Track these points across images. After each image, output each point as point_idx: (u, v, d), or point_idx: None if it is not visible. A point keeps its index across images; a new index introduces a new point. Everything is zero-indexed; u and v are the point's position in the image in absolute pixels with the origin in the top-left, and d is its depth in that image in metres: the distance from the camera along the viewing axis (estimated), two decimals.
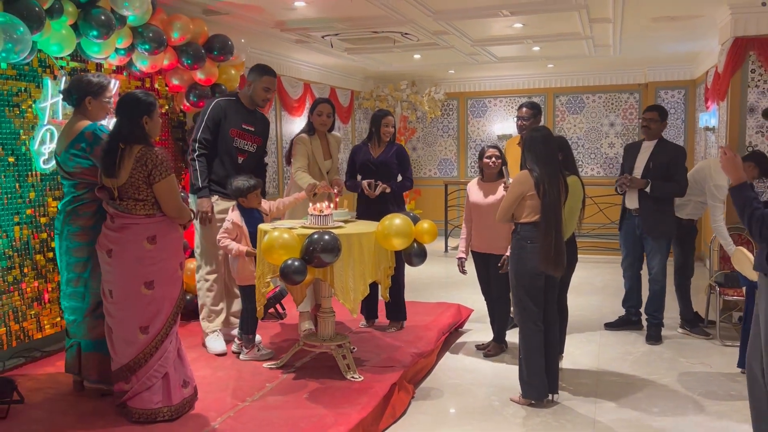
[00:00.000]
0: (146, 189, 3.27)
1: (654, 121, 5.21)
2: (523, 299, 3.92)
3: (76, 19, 4.10)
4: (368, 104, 10.80)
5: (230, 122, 4.52)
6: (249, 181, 4.28)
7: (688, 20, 6.26)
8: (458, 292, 6.60)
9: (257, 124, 4.69)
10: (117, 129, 3.34)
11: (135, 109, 3.31)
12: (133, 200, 3.28)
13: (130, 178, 3.24)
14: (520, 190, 3.87)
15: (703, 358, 4.83)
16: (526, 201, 3.87)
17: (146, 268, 3.29)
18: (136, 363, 3.31)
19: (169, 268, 3.37)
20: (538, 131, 3.98)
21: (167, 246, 3.36)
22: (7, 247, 4.08)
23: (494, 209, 4.56)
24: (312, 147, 4.89)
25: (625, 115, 10.10)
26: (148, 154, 3.26)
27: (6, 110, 4.05)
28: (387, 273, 4.31)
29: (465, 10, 5.85)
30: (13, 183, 4.11)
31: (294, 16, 6.01)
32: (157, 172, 3.26)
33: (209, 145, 4.47)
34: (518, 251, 3.93)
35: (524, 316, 3.92)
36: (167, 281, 3.36)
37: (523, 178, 3.89)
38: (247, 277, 4.28)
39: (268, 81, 4.58)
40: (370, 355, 4.45)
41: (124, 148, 3.26)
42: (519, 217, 3.93)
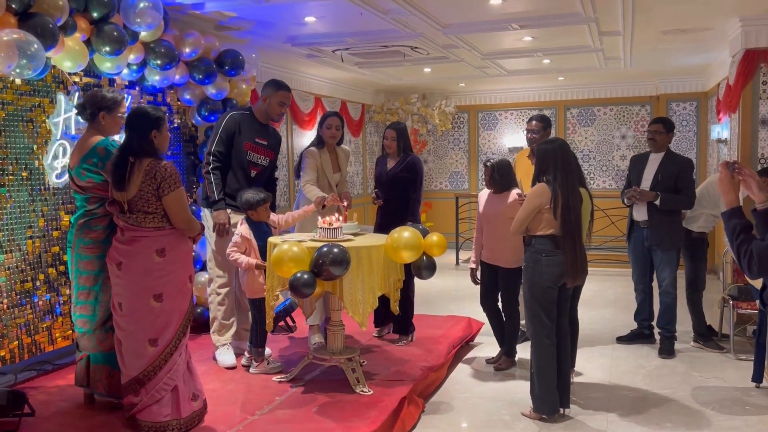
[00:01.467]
0: (156, 202, 3.29)
1: (659, 133, 5.19)
2: (536, 312, 3.88)
3: (89, 35, 4.15)
4: (379, 117, 10.83)
5: (244, 135, 4.56)
6: (259, 195, 4.30)
7: (698, 33, 6.25)
8: (469, 306, 6.57)
9: (270, 138, 4.74)
10: (126, 143, 3.38)
11: (144, 124, 3.35)
12: (142, 213, 3.30)
13: (139, 191, 3.28)
14: (538, 203, 3.82)
15: (716, 372, 4.77)
16: (542, 214, 3.82)
17: (155, 280, 3.31)
18: (146, 376, 3.31)
19: (178, 280, 3.38)
20: (550, 143, 3.95)
21: (176, 259, 3.38)
22: (19, 260, 4.11)
23: (503, 220, 4.61)
24: (321, 160, 4.92)
25: (637, 127, 10.07)
26: (157, 168, 3.29)
27: (20, 125, 4.11)
28: (396, 286, 4.31)
29: (474, 23, 5.87)
30: (26, 197, 4.16)
31: (304, 31, 6.06)
32: (167, 185, 3.28)
33: (223, 158, 4.52)
34: (532, 264, 3.89)
35: (537, 330, 3.89)
36: (176, 294, 3.37)
37: (541, 190, 3.84)
38: (257, 290, 4.29)
39: (283, 95, 4.63)
40: (380, 369, 4.43)
41: (134, 161, 3.30)
42: (534, 230, 3.89)
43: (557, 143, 3.92)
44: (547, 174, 3.84)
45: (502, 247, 4.67)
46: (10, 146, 4.05)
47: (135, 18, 4.30)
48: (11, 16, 3.58)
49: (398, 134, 5.11)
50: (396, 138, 5.11)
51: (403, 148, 5.14)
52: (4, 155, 4.01)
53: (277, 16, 5.42)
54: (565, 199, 3.77)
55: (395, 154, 5.15)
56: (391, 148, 5.13)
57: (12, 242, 4.07)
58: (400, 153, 5.14)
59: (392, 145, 5.12)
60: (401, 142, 5.13)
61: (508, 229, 4.62)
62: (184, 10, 5.08)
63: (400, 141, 5.12)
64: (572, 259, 3.78)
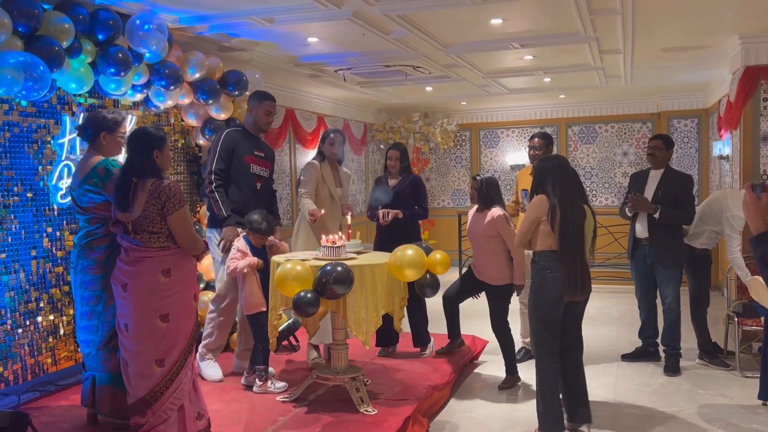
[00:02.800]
0: (160, 222, 3.31)
1: (659, 149, 5.22)
2: (539, 330, 3.87)
3: (94, 57, 4.20)
4: (381, 136, 10.88)
5: (243, 150, 4.63)
6: (264, 224, 4.30)
7: (698, 50, 6.29)
8: (473, 324, 6.54)
9: (265, 149, 4.85)
10: (129, 164, 3.39)
11: (146, 144, 3.38)
12: (147, 233, 3.31)
13: (144, 211, 3.28)
14: (536, 214, 3.84)
15: (722, 390, 4.74)
16: (540, 226, 3.83)
17: (162, 301, 3.31)
18: (152, 396, 3.30)
19: (184, 300, 3.39)
20: (549, 160, 3.98)
21: (182, 278, 3.38)
22: (23, 280, 4.12)
23: (486, 238, 4.76)
24: (323, 173, 4.99)
25: (638, 144, 10.09)
26: (161, 187, 3.30)
27: (25, 146, 4.14)
28: (401, 304, 4.30)
29: (475, 43, 5.92)
30: (31, 217, 4.17)
31: (307, 51, 6.11)
32: (171, 205, 3.30)
33: (225, 175, 4.56)
34: (538, 281, 3.87)
35: (539, 347, 3.88)
36: (182, 313, 3.38)
37: (539, 201, 3.85)
38: (255, 305, 4.27)
39: (269, 105, 4.72)
40: (384, 388, 4.41)
41: (137, 182, 3.31)
42: (536, 245, 3.88)
43: (556, 160, 3.95)
44: (545, 189, 3.85)
45: (486, 264, 4.80)
46: (15, 167, 4.08)
47: (140, 40, 4.34)
48: (18, 39, 3.63)
49: (401, 155, 5.28)
50: (399, 158, 5.27)
51: (405, 168, 5.31)
52: (9, 176, 4.04)
53: (281, 37, 5.47)
54: (563, 212, 3.76)
55: (397, 174, 5.31)
56: (394, 167, 5.29)
57: (16, 262, 4.08)
58: (402, 172, 5.30)
59: (396, 164, 5.28)
60: (404, 161, 5.30)
61: (490, 246, 4.77)
62: (189, 32, 5.13)
63: (403, 161, 5.29)
64: (571, 274, 3.75)
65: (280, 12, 4.70)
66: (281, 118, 7.77)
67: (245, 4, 4.55)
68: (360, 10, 4.67)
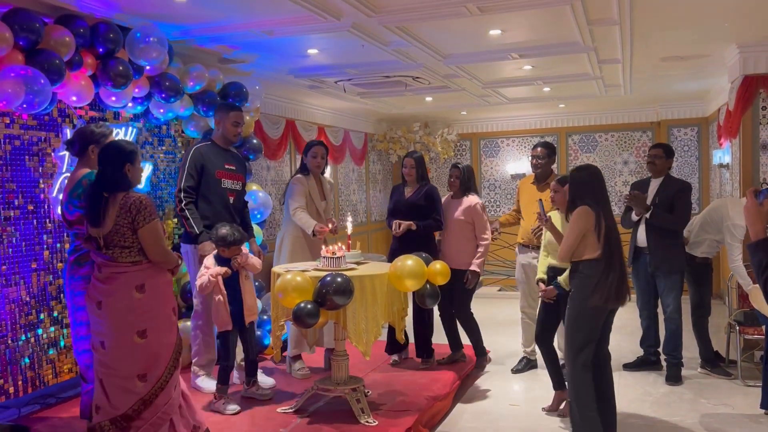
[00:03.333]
0: (132, 235, 3.25)
1: (659, 158, 5.24)
2: (579, 341, 3.80)
3: (94, 70, 4.22)
4: (382, 146, 10.90)
5: (214, 165, 4.56)
6: (236, 234, 4.18)
7: (697, 59, 6.31)
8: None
9: (236, 162, 4.79)
10: (100, 178, 3.34)
11: (117, 158, 3.32)
12: (119, 248, 3.25)
13: (115, 225, 3.23)
14: (585, 226, 3.79)
15: (725, 399, 4.72)
16: (587, 238, 3.79)
17: (137, 317, 3.25)
18: (135, 411, 3.23)
19: (161, 314, 3.34)
20: (584, 169, 3.97)
21: (157, 293, 3.33)
22: (24, 293, 4.13)
23: (459, 224, 5.10)
24: (309, 187, 4.97)
25: (639, 153, 10.10)
26: (131, 201, 3.25)
27: (26, 159, 4.16)
28: (401, 315, 4.30)
29: (474, 54, 5.94)
30: (31, 230, 4.19)
31: (307, 62, 6.14)
32: (141, 218, 3.24)
33: (195, 192, 4.49)
34: (581, 291, 3.82)
35: (577, 359, 3.80)
36: (161, 328, 3.32)
37: (586, 214, 3.81)
38: (222, 323, 4.20)
39: (236, 116, 4.65)
40: (385, 399, 4.40)
41: (108, 196, 3.27)
42: (580, 255, 3.83)
43: (591, 170, 3.94)
44: (584, 199, 3.84)
45: (456, 248, 5.05)
46: (16, 180, 4.09)
47: (140, 53, 4.36)
48: (18, 52, 3.65)
49: (416, 162, 5.28)
50: (415, 166, 5.26)
51: (421, 176, 5.29)
52: (10, 188, 4.05)
53: (281, 48, 5.50)
54: (608, 221, 3.80)
55: (414, 182, 5.30)
56: (410, 176, 5.29)
57: (17, 275, 4.09)
58: (419, 181, 5.28)
59: (412, 173, 5.28)
60: (419, 170, 5.27)
61: (462, 232, 5.09)
62: (189, 44, 5.16)
63: (419, 169, 5.27)
64: (619, 281, 3.77)
65: (279, 24, 4.72)
66: (281, 129, 7.79)
67: (245, 16, 4.57)
68: (359, 22, 4.70)
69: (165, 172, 5.38)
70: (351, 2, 4.23)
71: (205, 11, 4.41)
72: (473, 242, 5.12)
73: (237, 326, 4.23)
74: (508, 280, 9.85)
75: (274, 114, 7.66)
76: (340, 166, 9.63)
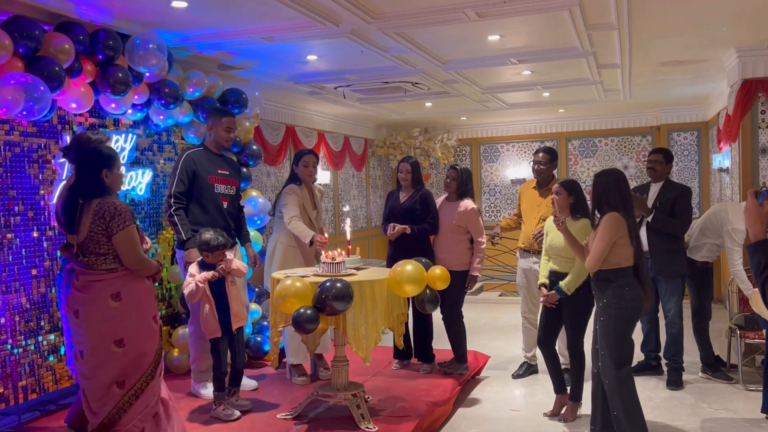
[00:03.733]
0: (106, 243, 3.20)
1: (659, 163, 5.24)
2: (623, 351, 3.72)
3: (94, 77, 4.24)
4: (382, 152, 10.92)
5: (206, 170, 4.55)
6: (219, 238, 4.12)
7: (696, 64, 6.32)
8: (475, 339, 6.53)
9: (229, 167, 4.78)
10: (76, 183, 3.26)
11: (94, 163, 3.25)
12: (94, 255, 3.21)
13: (89, 232, 3.18)
14: (616, 233, 3.71)
15: (726, 404, 4.71)
16: (618, 245, 3.72)
17: (114, 326, 3.21)
18: (111, 419, 3.19)
19: (140, 322, 3.29)
20: (610, 174, 3.89)
21: (134, 301, 3.29)
22: (24, 300, 4.13)
23: (451, 228, 5.12)
24: (301, 197, 4.97)
25: (639, 157, 10.11)
26: (105, 207, 3.18)
27: (26, 166, 4.16)
28: (401, 320, 4.30)
29: (473, 59, 5.96)
30: (32, 237, 4.19)
31: (307, 69, 6.16)
32: (115, 224, 3.17)
33: (186, 198, 4.48)
34: (617, 300, 3.72)
35: (621, 368, 3.71)
36: (141, 336, 3.28)
37: (618, 221, 3.73)
38: (211, 330, 4.15)
39: (228, 121, 4.64)
40: (385, 404, 4.40)
41: (83, 203, 3.20)
42: (611, 263, 3.74)
43: (616, 174, 3.87)
44: (611, 205, 3.77)
45: (450, 250, 5.10)
46: (16, 187, 4.10)
47: (140, 59, 4.38)
48: (18, 60, 3.67)
49: (412, 168, 5.30)
50: (411, 171, 5.28)
51: (416, 181, 5.31)
52: (10, 195, 4.06)
53: (280, 55, 5.51)
54: (635, 228, 3.79)
55: (409, 187, 5.32)
56: (406, 181, 5.30)
57: (17, 282, 4.09)
58: (414, 186, 5.31)
59: (407, 177, 5.29)
60: (415, 175, 5.30)
61: (455, 235, 5.12)
62: (188, 51, 5.17)
63: (414, 174, 5.29)
64: (647, 285, 3.81)
65: (279, 30, 4.73)
66: (281, 135, 7.81)
67: (245, 23, 4.59)
68: (358, 28, 4.71)
69: (165, 179, 5.39)
70: (350, 8, 4.25)
71: (204, 18, 4.43)
72: (465, 245, 5.16)
73: (225, 333, 4.18)
74: (509, 285, 9.84)
75: (273, 120, 7.68)
76: (340, 172, 9.64)
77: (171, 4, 4.06)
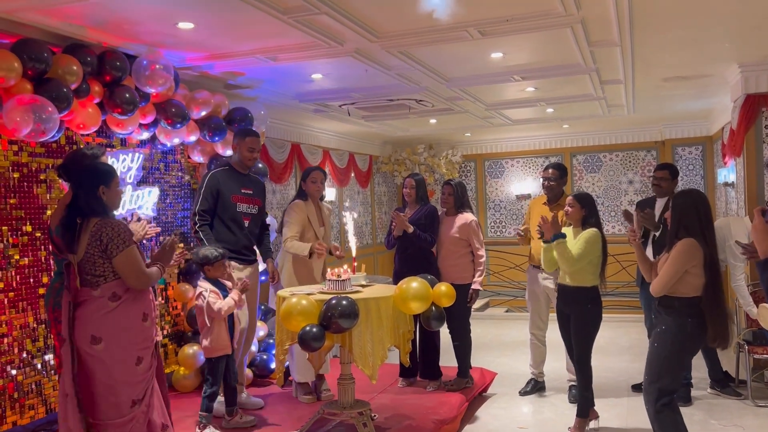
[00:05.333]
0: (103, 264, 3.08)
1: (665, 180, 5.24)
2: (664, 378, 3.55)
3: (101, 97, 4.28)
4: (387, 168, 10.95)
5: (230, 189, 4.66)
6: (217, 250, 4.20)
7: (699, 79, 6.34)
8: (481, 356, 6.51)
9: (253, 186, 4.87)
10: (73, 201, 3.17)
11: (91, 179, 3.16)
12: (91, 276, 3.09)
13: (86, 254, 3.07)
14: (690, 262, 3.47)
15: (735, 420, 4.67)
16: (688, 273, 3.49)
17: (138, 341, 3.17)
18: None
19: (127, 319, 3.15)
20: (687, 196, 3.63)
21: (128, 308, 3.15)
22: (31, 319, 4.15)
23: (452, 241, 5.17)
24: (308, 212, 5.00)
25: (643, 172, 10.11)
26: (103, 228, 3.07)
27: (34, 186, 4.20)
28: (407, 337, 4.29)
29: (477, 77, 5.99)
30: (38, 256, 4.22)
31: (312, 87, 6.20)
32: (114, 246, 3.06)
33: (210, 215, 4.60)
34: (677, 329, 3.52)
35: (662, 397, 3.57)
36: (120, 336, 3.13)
37: (692, 249, 3.47)
38: (222, 347, 4.16)
39: (251, 141, 4.74)
40: (392, 422, 4.38)
41: (81, 222, 3.10)
42: (678, 291, 3.53)
43: (694, 195, 3.62)
44: (689, 230, 3.51)
45: (452, 264, 5.15)
46: (24, 206, 4.13)
47: (146, 80, 4.43)
48: (27, 82, 3.71)
49: (417, 184, 5.40)
50: (415, 186, 5.37)
51: (421, 197, 5.39)
52: (18, 215, 4.09)
53: (285, 74, 5.56)
54: (713, 254, 3.50)
55: (414, 203, 5.41)
56: (410, 197, 5.41)
57: (24, 301, 4.11)
58: (419, 202, 5.38)
59: (412, 193, 5.39)
60: (420, 191, 5.38)
61: (456, 249, 5.16)
62: (195, 71, 5.23)
63: (419, 190, 5.37)
64: (723, 321, 3.48)
65: (284, 50, 4.78)
66: (287, 153, 7.85)
67: (250, 43, 4.64)
68: (362, 47, 4.76)
69: (172, 197, 5.42)
70: (354, 28, 4.29)
71: (210, 39, 4.48)
72: (467, 258, 5.21)
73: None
74: (515, 300, 9.82)
75: (279, 138, 7.73)
76: (345, 189, 9.67)
77: (177, 25, 4.11)
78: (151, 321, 3.24)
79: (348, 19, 4.13)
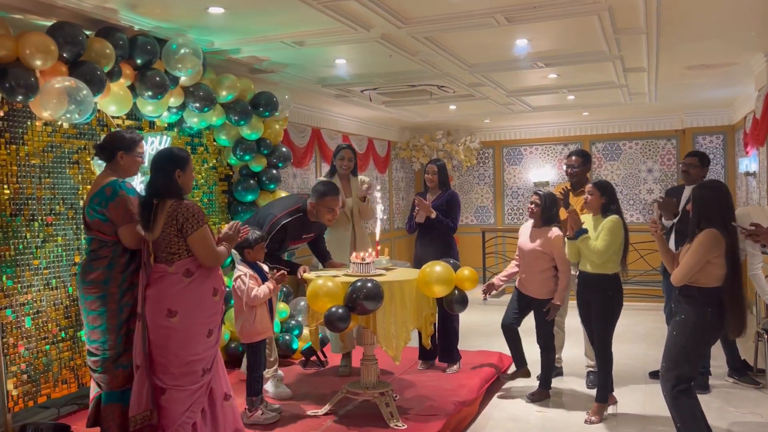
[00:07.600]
0: (177, 242, 3.35)
1: (694, 167, 5.23)
2: (681, 366, 3.61)
3: (133, 80, 4.36)
4: (405, 154, 10.99)
5: (292, 237, 4.61)
6: (256, 233, 4.18)
7: (723, 68, 6.31)
8: (499, 341, 6.54)
9: (316, 230, 4.81)
10: (150, 183, 3.43)
11: (168, 163, 3.42)
12: (167, 253, 3.37)
13: (162, 232, 3.34)
14: (711, 253, 3.49)
15: (753, 408, 4.71)
16: (709, 264, 3.51)
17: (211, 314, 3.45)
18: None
19: (198, 294, 3.43)
20: (710, 188, 3.64)
21: (200, 284, 3.42)
22: (64, 296, 4.26)
23: (536, 255, 4.77)
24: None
25: (663, 161, 10.08)
26: (179, 209, 3.34)
27: (67, 167, 4.29)
28: (429, 320, 4.36)
29: (500, 63, 6.00)
30: (71, 235, 4.32)
31: (335, 72, 6.25)
32: (189, 225, 3.33)
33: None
34: (696, 318, 3.56)
35: (678, 384, 3.62)
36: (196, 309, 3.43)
37: (715, 240, 3.49)
38: (264, 330, 4.15)
39: (330, 202, 4.51)
40: (413, 403, 4.46)
41: (158, 203, 3.36)
42: (699, 281, 3.55)
43: (717, 186, 3.64)
44: (711, 222, 3.52)
45: (533, 278, 4.85)
46: (57, 187, 4.23)
47: (176, 63, 4.49)
48: (62, 64, 3.79)
49: (439, 169, 5.44)
50: (437, 172, 5.42)
51: (443, 183, 5.45)
52: (52, 195, 4.19)
53: (309, 59, 5.61)
54: (735, 247, 3.52)
55: (436, 188, 5.47)
56: (432, 182, 5.45)
57: (58, 279, 4.22)
58: (440, 187, 5.44)
59: (434, 179, 5.43)
60: (441, 177, 5.43)
61: (539, 263, 4.79)
62: (222, 55, 5.29)
63: (441, 175, 5.43)
64: (741, 312, 3.51)
65: (311, 35, 4.83)
66: (307, 137, 7.91)
67: (277, 27, 4.68)
68: (388, 33, 4.79)
69: (197, 180, 5.50)
70: (381, 14, 4.32)
71: (239, 23, 4.53)
72: (548, 272, 4.84)
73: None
74: None
75: (300, 123, 7.79)
76: (363, 174, 9.73)
77: (208, 9, 4.17)
78: (220, 296, 3.49)
79: (376, 5, 4.17)
